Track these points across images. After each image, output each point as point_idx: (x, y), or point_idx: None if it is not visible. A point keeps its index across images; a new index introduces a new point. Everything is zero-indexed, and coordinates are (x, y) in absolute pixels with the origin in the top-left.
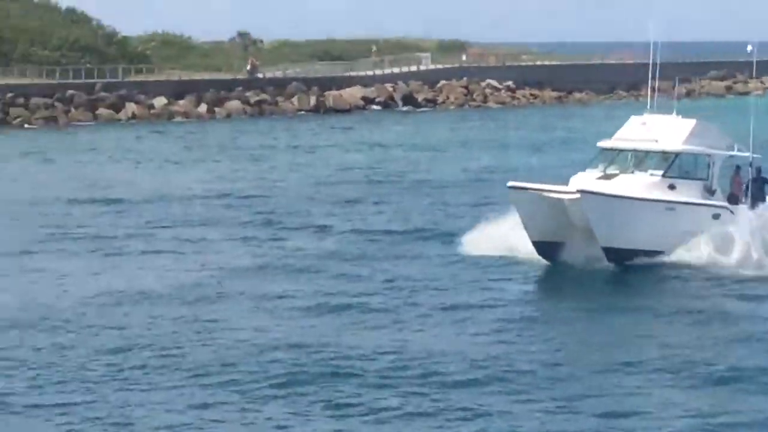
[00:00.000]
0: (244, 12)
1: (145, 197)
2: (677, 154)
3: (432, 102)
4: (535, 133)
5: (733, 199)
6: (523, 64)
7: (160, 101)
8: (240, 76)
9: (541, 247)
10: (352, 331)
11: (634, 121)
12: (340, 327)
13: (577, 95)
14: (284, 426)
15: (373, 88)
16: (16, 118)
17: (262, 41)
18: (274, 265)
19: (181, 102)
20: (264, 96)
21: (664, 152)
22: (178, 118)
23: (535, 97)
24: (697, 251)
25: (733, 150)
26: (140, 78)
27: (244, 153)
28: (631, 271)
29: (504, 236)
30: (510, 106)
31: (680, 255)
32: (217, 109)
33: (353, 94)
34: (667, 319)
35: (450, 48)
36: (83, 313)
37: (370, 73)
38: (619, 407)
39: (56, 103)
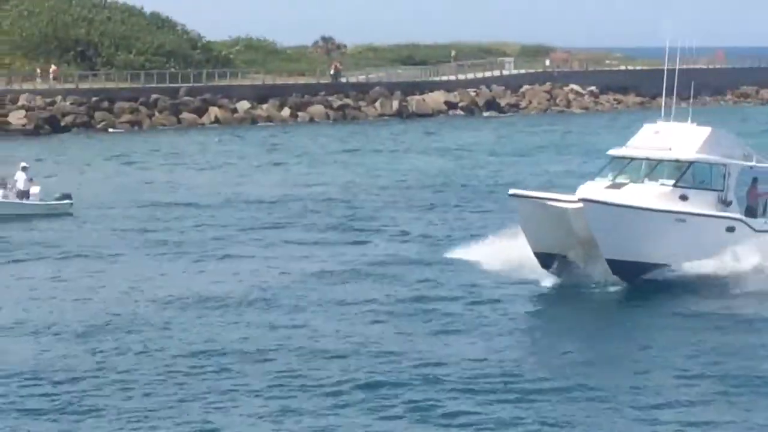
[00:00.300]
0: (328, 17)
1: (227, 201)
2: (690, 164)
3: (515, 107)
4: (619, 138)
5: (750, 211)
6: (606, 68)
7: (243, 105)
8: (323, 81)
9: (543, 258)
10: (431, 337)
11: (647, 128)
12: (419, 333)
13: (660, 100)
14: None
15: (455, 93)
16: (100, 121)
17: (345, 46)
18: (355, 270)
19: (264, 106)
20: (347, 100)
21: (677, 161)
22: (261, 122)
23: (619, 102)
24: (706, 265)
25: (751, 160)
26: (224, 82)
27: (327, 157)
28: (639, 285)
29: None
30: (593, 111)
31: (690, 268)
32: (300, 114)
33: (436, 99)
34: (672, 333)
35: (533, 53)
36: (166, 316)
37: (452, 78)
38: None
39: (140, 107)
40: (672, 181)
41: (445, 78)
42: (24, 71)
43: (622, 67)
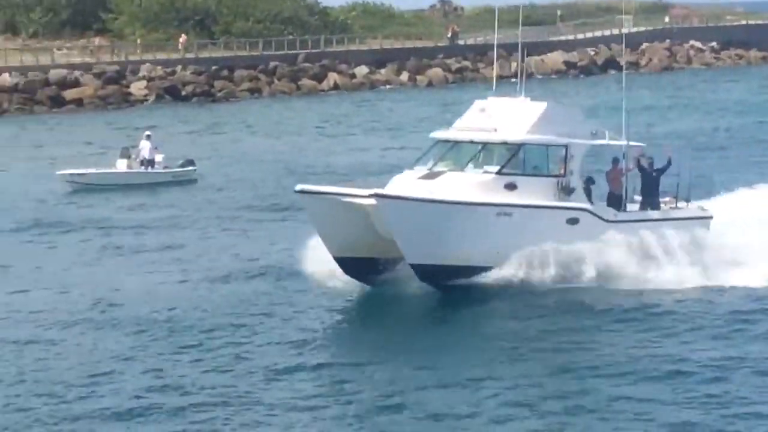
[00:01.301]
0: None
1: (350, 168)
2: (520, 146)
3: (634, 65)
4: (746, 95)
5: (613, 199)
6: (728, 24)
7: (361, 71)
8: (441, 44)
9: (346, 264)
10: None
11: (475, 106)
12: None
13: None
14: None
15: (574, 53)
16: (220, 90)
17: (462, 8)
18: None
19: (382, 71)
20: (465, 63)
21: (504, 143)
22: (380, 87)
23: (740, 57)
24: (538, 266)
25: (603, 138)
26: (341, 48)
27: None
28: (452, 293)
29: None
30: (714, 67)
31: (520, 270)
32: (418, 77)
33: (555, 59)
34: (483, 355)
35: (652, 10)
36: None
37: (571, 37)
38: None
39: (260, 75)
40: (496, 168)
41: (563, 38)
42: (146, 42)
43: (743, 22)
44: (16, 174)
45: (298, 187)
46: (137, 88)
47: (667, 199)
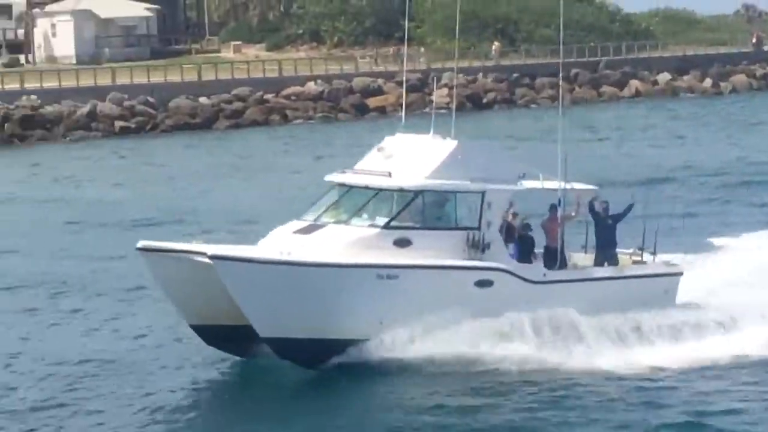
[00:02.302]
0: None
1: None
2: (417, 194)
3: None
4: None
5: (549, 254)
6: None
7: (663, 77)
8: (745, 50)
9: (205, 334)
10: None
11: (380, 144)
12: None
13: None
14: None
15: None
16: (522, 97)
17: (767, 13)
18: None
19: (685, 77)
20: None
21: (400, 190)
22: (682, 94)
23: None
24: (438, 339)
25: (536, 181)
26: (643, 55)
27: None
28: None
29: None
30: None
31: (410, 345)
32: (722, 84)
33: None
34: None
35: None
36: None
37: None
38: None
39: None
40: (385, 220)
41: None
42: (447, 49)
43: None
44: (299, 178)
45: (140, 244)
46: (439, 95)
47: (630, 250)
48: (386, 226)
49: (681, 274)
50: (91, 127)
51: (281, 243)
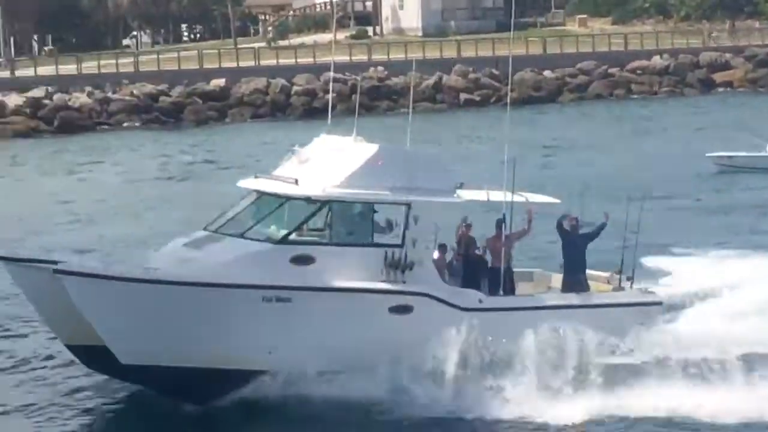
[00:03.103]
0: None
1: None
2: (323, 204)
3: None
4: None
5: (492, 275)
6: None
7: None
8: None
9: (81, 354)
10: None
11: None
12: None
13: None
14: None
15: None
16: None
17: None
18: None
19: None
20: None
21: (307, 200)
22: None
23: None
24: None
25: (479, 191)
26: None
27: None
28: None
29: None
30: None
31: (313, 378)
32: None
33: None
34: None
35: None
36: None
37: None
38: None
39: None
40: (283, 232)
41: None
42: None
43: None
44: (671, 153)
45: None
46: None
47: (607, 274)
48: (282, 241)
49: (660, 303)
50: (435, 99)
51: (169, 255)
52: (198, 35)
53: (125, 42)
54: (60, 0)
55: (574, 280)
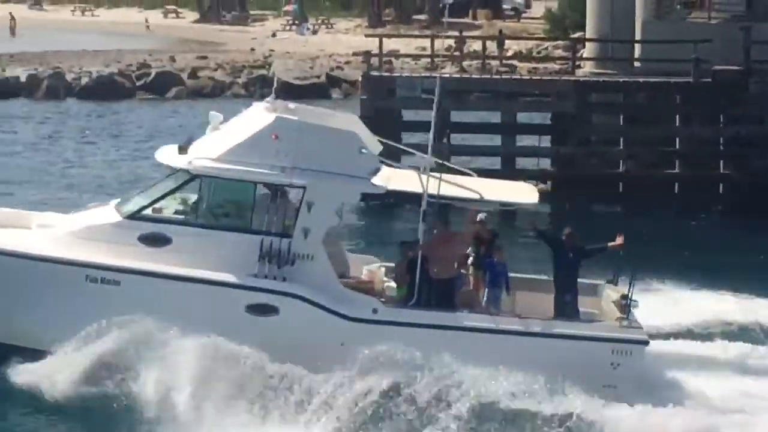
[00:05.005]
0: None
1: None
2: (193, 178)
3: None
4: None
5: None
6: None
7: None
8: None
9: None
10: None
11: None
12: None
13: None
14: None
15: None
16: None
17: None
18: None
19: None
20: None
21: (186, 173)
22: None
23: None
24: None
25: (409, 180)
26: None
27: None
28: None
29: None
30: None
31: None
32: None
33: None
34: None
35: None
36: None
37: None
38: None
39: None
40: (136, 207)
41: None
42: None
43: None
44: None
45: None
46: None
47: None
48: (132, 216)
49: (645, 342)
50: None
51: (60, 220)
52: None
53: None
54: None
55: (560, 300)
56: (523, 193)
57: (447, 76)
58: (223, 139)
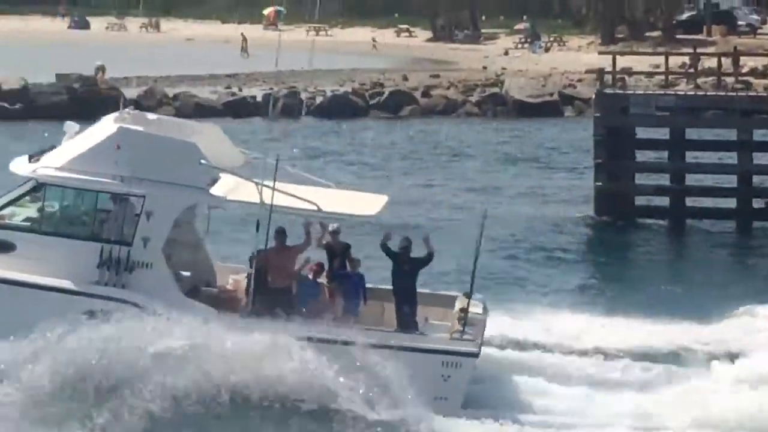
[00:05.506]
0: None
1: None
2: (38, 186)
3: None
4: None
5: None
6: None
7: None
8: None
9: None
10: None
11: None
12: None
13: None
14: None
15: None
16: None
17: None
18: None
19: None
20: None
21: (36, 181)
22: None
23: None
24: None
25: (245, 190)
26: None
27: None
28: None
29: None
30: None
31: None
32: None
33: None
34: None
35: None
36: None
37: None
38: None
39: None
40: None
41: None
42: None
43: None
44: None
45: None
46: None
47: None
48: None
49: (475, 355)
50: None
51: None
52: None
53: None
54: None
55: (399, 311)
56: (364, 206)
57: (682, 93)
58: (70, 149)
